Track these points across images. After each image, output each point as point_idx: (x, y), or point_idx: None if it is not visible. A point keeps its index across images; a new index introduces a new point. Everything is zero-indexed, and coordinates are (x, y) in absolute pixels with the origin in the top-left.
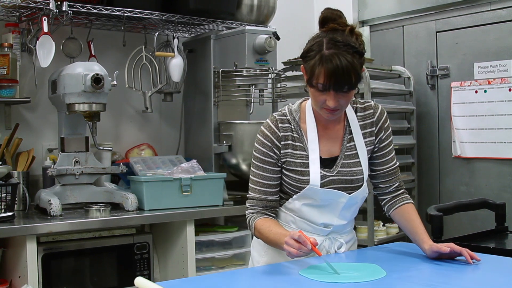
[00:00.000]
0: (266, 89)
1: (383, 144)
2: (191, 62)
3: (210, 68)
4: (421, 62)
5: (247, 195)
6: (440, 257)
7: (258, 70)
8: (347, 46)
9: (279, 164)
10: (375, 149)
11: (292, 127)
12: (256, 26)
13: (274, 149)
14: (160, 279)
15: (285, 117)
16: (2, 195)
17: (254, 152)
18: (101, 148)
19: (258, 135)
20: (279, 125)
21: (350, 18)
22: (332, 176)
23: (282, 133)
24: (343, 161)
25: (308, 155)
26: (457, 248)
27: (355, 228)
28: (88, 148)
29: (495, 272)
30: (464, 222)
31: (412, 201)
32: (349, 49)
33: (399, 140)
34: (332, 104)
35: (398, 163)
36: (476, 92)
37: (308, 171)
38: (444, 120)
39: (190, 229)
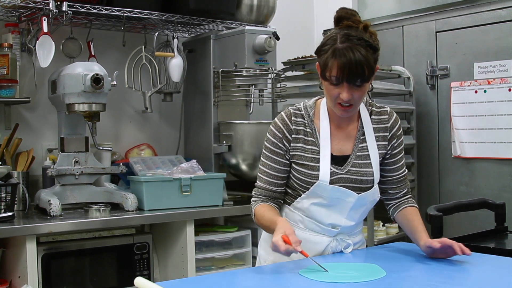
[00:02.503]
0: (266, 89)
1: (395, 151)
2: (190, 62)
3: (210, 68)
4: (420, 62)
5: (255, 184)
6: (436, 255)
7: (257, 70)
8: (360, 40)
9: (288, 157)
10: (387, 156)
11: (306, 122)
12: (255, 26)
13: (284, 141)
14: (160, 279)
15: (299, 112)
16: (2, 195)
17: (265, 142)
18: (101, 148)
19: (271, 126)
20: (293, 118)
21: None
22: (342, 174)
23: (294, 127)
24: (354, 161)
25: (319, 151)
26: (448, 242)
27: None
28: (88, 148)
29: (495, 272)
30: (464, 222)
31: (416, 205)
32: (362, 42)
33: None
34: (345, 97)
35: (407, 171)
36: (476, 92)
37: (318, 166)
38: (444, 120)
39: (190, 229)
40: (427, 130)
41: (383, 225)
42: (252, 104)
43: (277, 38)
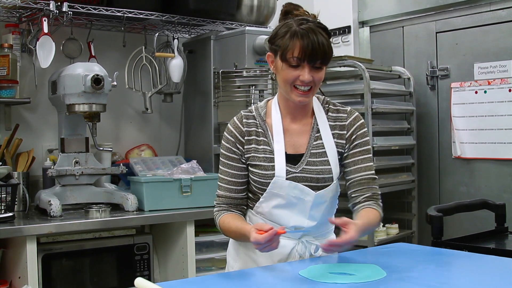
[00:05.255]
0: (266, 89)
1: (355, 150)
2: (191, 63)
3: (210, 69)
4: (421, 62)
5: (216, 193)
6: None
7: (258, 71)
8: (316, 24)
9: (244, 160)
10: (346, 155)
11: (257, 122)
12: (256, 26)
13: (237, 144)
14: (160, 279)
15: (250, 113)
16: (2, 195)
17: (220, 149)
18: (101, 148)
19: (224, 132)
20: (244, 120)
21: (350, 18)
22: (296, 173)
23: (246, 128)
24: (309, 159)
25: (272, 150)
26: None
27: None
28: (88, 148)
29: (495, 273)
30: (464, 222)
31: (377, 208)
32: (320, 25)
33: (399, 140)
34: (307, 78)
35: (375, 176)
36: (476, 92)
37: (273, 165)
38: (444, 120)
39: (190, 230)
40: (427, 131)
41: (383, 226)
42: (252, 105)
43: None
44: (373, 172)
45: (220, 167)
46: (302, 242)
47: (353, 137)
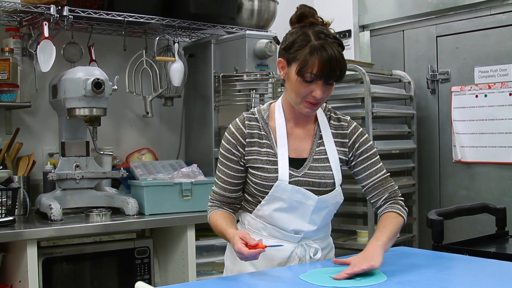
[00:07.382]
0: (267, 93)
1: (362, 157)
2: (191, 67)
3: (211, 73)
4: (421, 66)
5: (212, 188)
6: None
7: (258, 75)
8: (334, 39)
9: (242, 163)
10: (354, 163)
11: (260, 125)
12: (256, 30)
13: (238, 146)
14: (160, 283)
15: (253, 116)
16: (3, 199)
17: (220, 149)
18: (102, 152)
19: (225, 133)
20: (246, 122)
21: (351, 22)
22: (298, 176)
23: (248, 131)
24: (311, 164)
25: (275, 153)
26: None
27: (355, 233)
28: (89, 152)
29: (496, 277)
30: (464, 226)
31: (396, 210)
32: (336, 41)
33: (400, 144)
34: (319, 95)
35: (386, 174)
36: (476, 96)
37: (276, 168)
38: (445, 124)
39: (191, 234)
40: (428, 135)
41: None
42: (253, 108)
43: (278, 42)
44: (384, 171)
45: (218, 165)
46: (301, 245)
47: (357, 145)
